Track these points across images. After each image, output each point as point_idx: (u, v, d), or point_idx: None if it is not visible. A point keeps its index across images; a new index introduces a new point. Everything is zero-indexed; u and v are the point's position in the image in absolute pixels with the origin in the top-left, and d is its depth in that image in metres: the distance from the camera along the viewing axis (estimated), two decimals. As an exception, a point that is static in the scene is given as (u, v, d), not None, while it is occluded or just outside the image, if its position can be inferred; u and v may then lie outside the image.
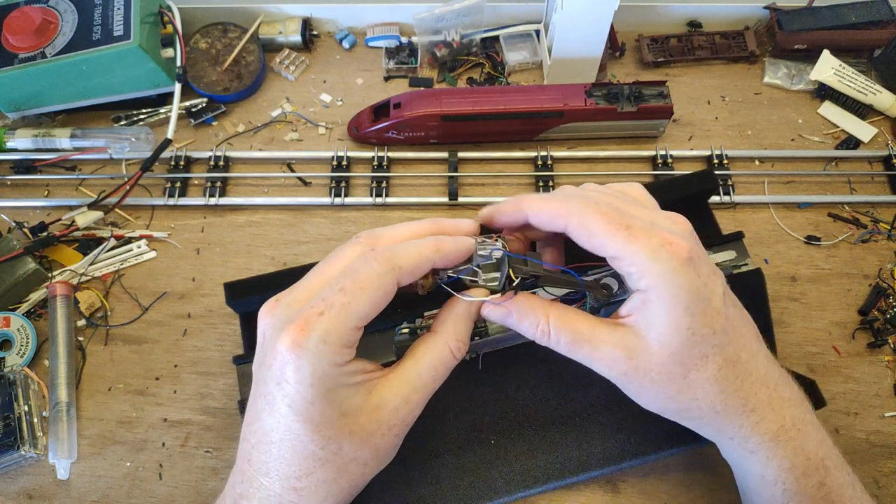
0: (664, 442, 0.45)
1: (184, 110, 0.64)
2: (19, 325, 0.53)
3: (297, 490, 0.33)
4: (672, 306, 0.33)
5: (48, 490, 0.49)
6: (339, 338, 0.32)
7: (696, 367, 0.35)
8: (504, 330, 0.46)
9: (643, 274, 0.33)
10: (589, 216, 0.34)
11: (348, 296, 0.32)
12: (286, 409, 0.32)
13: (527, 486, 0.45)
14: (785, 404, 0.37)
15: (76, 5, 0.60)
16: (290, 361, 0.32)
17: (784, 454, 0.37)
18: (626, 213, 0.34)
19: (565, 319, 0.36)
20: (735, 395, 0.36)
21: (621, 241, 0.33)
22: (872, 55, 0.68)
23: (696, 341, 0.34)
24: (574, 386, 0.47)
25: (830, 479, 0.37)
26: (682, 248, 0.33)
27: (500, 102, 0.60)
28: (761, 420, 0.36)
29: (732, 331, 0.35)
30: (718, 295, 0.34)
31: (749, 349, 0.36)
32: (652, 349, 0.34)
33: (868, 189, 0.62)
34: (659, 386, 0.36)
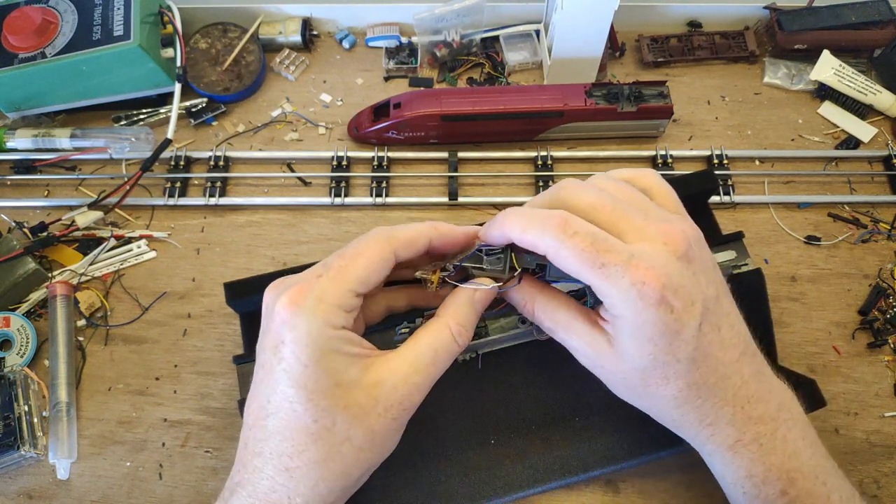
0: (663, 442, 0.45)
1: (184, 110, 0.64)
2: (19, 325, 0.53)
3: (288, 470, 0.33)
4: (637, 335, 0.34)
5: (48, 490, 0.49)
6: (335, 298, 0.33)
7: (656, 384, 0.36)
8: (504, 330, 0.46)
9: (614, 305, 0.34)
10: (564, 251, 0.33)
11: (346, 260, 0.34)
12: (281, 375, 0.32)
13: (527, 486, 0.45)
14: (750, 422, 0.37)
15: (76, 5, 0.60)
16: (287, 321, 0.32)
17: (740, 463, 0.38)
18: (603, 245, 0.33)
19: (548, 306, 0.38)
20: (692, 413, 0.37)
21: (594, 279, 0.33)
22: (872, 55, 0.68)
23: (657, 365, 0.35)
24: (574, 386, 0.47)
25: (795, 490, 0.37)
26: (653, 288, 0.32)
27: (500, 102, 0.60)
28: (716, 433, 0.38)
29: (703, 358, 0.35)
30: (692, 327, 0.34)
31: (720, 373, 0.36)
32: (616, 359, 0.36)
33: (868, 189, 0.62)
34: (621, 386, 0.38)
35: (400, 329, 0.44)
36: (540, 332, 0.45)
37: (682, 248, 0.34)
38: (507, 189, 0.62)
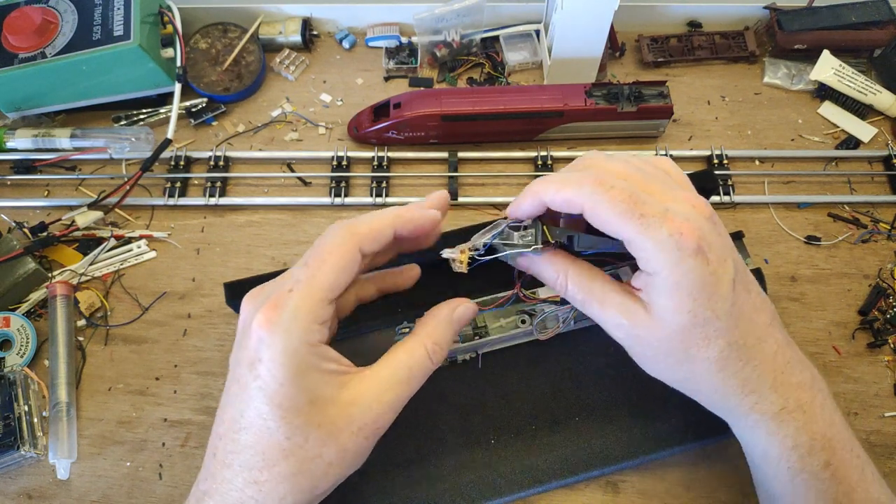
0: (664, 442, 0.45)
1: (184, 110, 0.64)
2: (19, 325, 0.53)
3: (257, 483, 0.32)
4: (675, 291, 0.34)
5: (48, 490, 0.49)
6: (308, 312, 0.33)
7: (698, 347, 0.36)
8: (504, 330, 0.46)
9: (650, 260, 0.34)
10: (601, 205, 0.34)
11: (312, 268, 0.33)
12: (256, 392, 0.32)
13: (527, 486, 0.45)
14: (791, 388, 0.37)
15: (76, 5, 0.60)
16: (263, 339, 0.32)
17: (786, 433, 0.37)
18: (640, 198, 0.34)
19: (582, 277, 0.37)
20: (734, 377, 0.37)
21: (632, 230, 0.33)
22: (872, 55, 0.68)
23: (698, 323, 0.35)
24: (574, 386, 0.47)
25: (837, 460, 0.37)
26: (690, 239, 0.33)
27: (500, 102, 0.60)
28: (760, 401, 0.37)
29: (739, 316, 0.36)
30: (727, 282, 0.35)
31: (757, 334, 0.37)
32: (655, 324, 0.35)
33: (868, 189, 0.62)
34: (660, 356, 0.37)
35: (400, 329, 0.44)
36: (541, 331, 0.45)
37: (708, 211, 0.35)
38: (507, 189, 0.62)
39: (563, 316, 0.44)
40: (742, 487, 0.48)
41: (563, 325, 0.45)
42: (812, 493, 0.37)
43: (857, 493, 0.37)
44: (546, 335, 0.45)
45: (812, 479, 0.37)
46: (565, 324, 0.45)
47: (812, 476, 0.37)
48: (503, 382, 0.48)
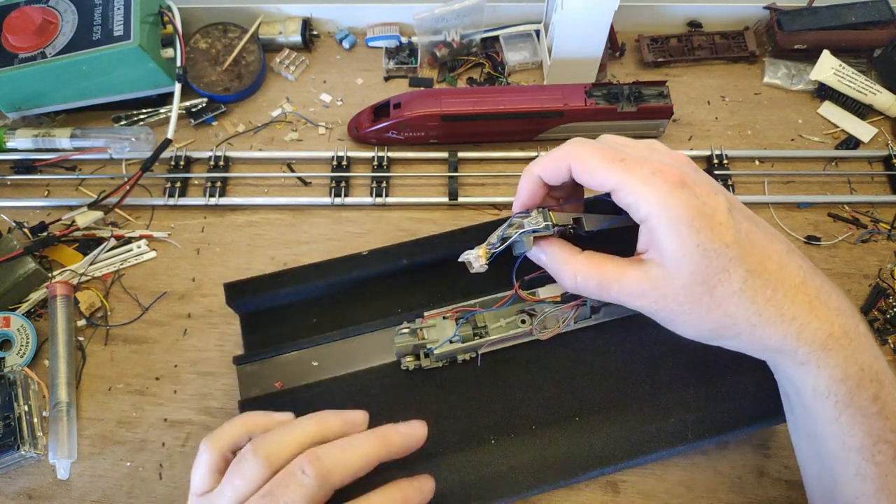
0: (664, 442, 0.45)
1: (184, 110, 0.64)
2: (19, 325, 0.53)
3: None
4: (675, 227, 0.34)
5: (48, 490, 0.49)
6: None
7: (720, 282, 0.35)
8: (504, 329, 0.46)
9: (640, 201, 0.34)
10: (586, 154, 0.36)
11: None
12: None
13: (528, 487, 0.44)
14: (832, 312, 0.36)
15: (76, 5, 0.60)
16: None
17: (836, 363, 0.35)
18: (621, 148, 0.36)
19: (592, 266, 0.37)
20: (768, 306, 0.35)
21: (616, 174, 0.35)
22: (872, 55, 0.68)
23: (710, 256, 0.34)
24: (574, 386, 0.47)
25: (885, 393, 0.35)
26: (673, 174, 0.34)
27: (500, 102, 0.60)
28: (805, 328, 0.35)
29: (750, 243, 0.35)
30: (722, 210, 0.34)
31: (777, 260, 0.36)
32: (672, 274, 0.35)
33: (868, 189, 0.62)
34: (689, 309, 0.36)
35: (400, 329, 0.44)
36: (541, 331, 0.45)
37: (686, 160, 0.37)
38: (507, 189, 0.62)
39: (562, 316, 0.44)
40: (743, 487, 0.48)
41: (563, 325, 0.45)
42: (858, 430, 0.35)
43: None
44: (546, 335, 0.45)
45: (859, 415, 0.35)
46: (565, 324, 0.45)
47: (859, 410, 0.35)
48: (503, 383, 0.48)
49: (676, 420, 0.45)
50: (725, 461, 0.49)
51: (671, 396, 0.46)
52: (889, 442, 0.35)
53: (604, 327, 0.48)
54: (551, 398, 0.47)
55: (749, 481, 0.48)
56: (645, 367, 0.47)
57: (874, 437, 0.35)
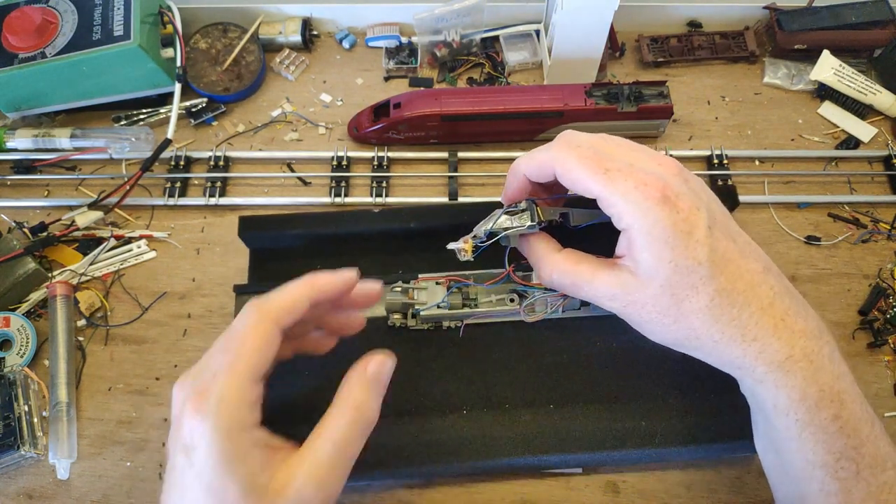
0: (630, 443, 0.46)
1: (184, 110, 0.64)
2: (19, 325, 0.53)
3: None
4: (651, 242, 0.35)
5: (48, 490, 0.49)
6: (236, 395, 0.33)
7: (688, 297, 0.36)
8: (493, 305, 0.46)
9: (621, 214, 0.35)
10: (569, 161, 0.36)
11: (231, 353, 0.34)
12: (192, 480, 0.32)
13: (487, 457, 0.45)
14: (795, 335, 0.36)
15: (76, 5, 0.60)
16: (195, 427, 0.32)
17: (793, 383, 0.36)
18: (606, 155, 0.36)
19: (568, 264, 0.39)
20: (731, 325, 0.36)
21: (598, 185, 0.35)
22: (872, 55, 0.68)
23: (681, 272, 0.35)
24: (554, 375, 0.48)
25: (846, 413, 0.36)
26: (655, 188, 0.34)
27: (500, 102, 0.60)
28: (764, 349, 0.36)
29: (723, 262, 0.36)
30: (701, 227, 0.35)
31: (748, 280, 0.36)
32: (643, 284, 0.36)
33: (868, 189, 0.62)
34: (656, 318, 0.37)
35: (394, 287, 0.46)
36: (529, 314, 0.45)
37: (674, 169, 0.36)
38: (507, 189, 0.62)
39: (552, 302, 0.45)
40: (743, 487, 0.48)
41: (549, 311, 0.46)
42: (820, 447, 0.36)
43: (867, 447, 0.36)
44: (532, 318, 0.46)
45: (820, 433, 0.36)
46: (553, 309, 0.46)
47: (820, 429, 0.36)
48: (484, 358, 0.48)
49: (648, 424, 0.46)
50: (725, 461, 0.49)
51: (649, 400, 0.47)
52: (851, 459, 0.36)
53: (593, 321, 0.48)
54: (529, 382, 0.48)
55: (749, 481, 0.48)
56: (629, 366, 0.48)
57: (836, 454, 0.36)
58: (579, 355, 0.48)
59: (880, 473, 0.36)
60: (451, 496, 0.48)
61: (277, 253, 0.54)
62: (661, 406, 0.47)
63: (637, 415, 0.47)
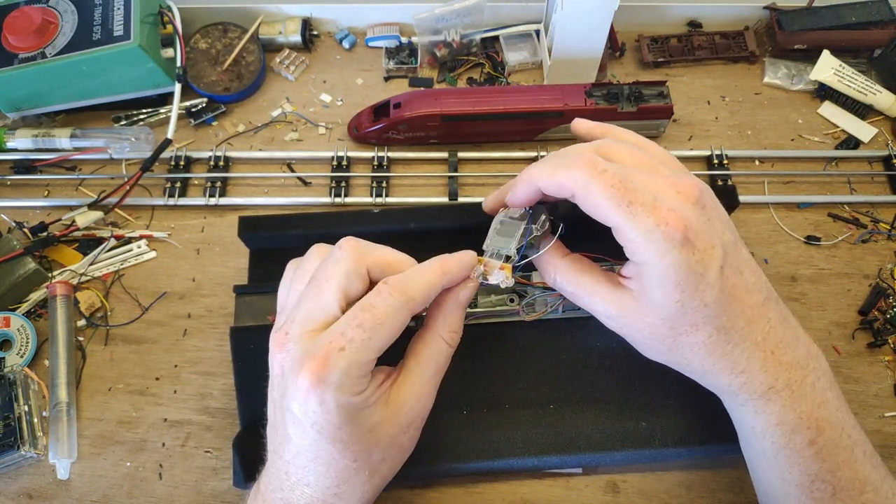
0: (629, 443, 0.46)
1: (184, 110, 0.64)
2: (19, 325, 0.53)
3: (337, 495, 0.36)
4: (662, 282, 0.35)
5: (48, 490, 0.49)
6: (359, 370, 0.34)
7: (686, 332, 0.37)
8: (493, 305, 0.46)
9: (637, 250, 0.35)
10: (592, 188, 0.34)
11: (367, 332, 0.34)
12: (316, 435, 0.34)
13: (487, 457, 0.45)
14: (781, 367, 0.37)
15: (76, 5, 0.60)
16: (314, 396, 0.33)
17: (772, 410, 0.38)
18: (631, 185, 0.34)
19: (570, 271, 0.39)
20: (724, 359, 0.37)
21: (619, 217, 0.34)
22: (872, 55, 0.68)
23: (686, 312, 0.35)
24: (553, 375, 0.48)
25: (823, 439, 0.37)
26: (677, 229, 0.34)
27: (500, 102, 0.60)
28: (750, 381, 0.38)
29: (728, 301, 0.36)
30: (714, 269, 0.35)
31: (747, 316, 0.37)
32: (643, 312, 0.37)
33: (868, 189, 0.62)
34: (650, 343, 0.38)
35: None
36: (528, 313, 0.46)
37: (694, 195, 0.35)
38: (507, 189, 0.62)
39: (551, 302, 0.45)
40: (743, 487, 0.48)
41: (549, 310, 0.46)
42: (795, 468, 0.38)
43: (843, 471, 0.37)
44: (531, 317, 0.46)
45: (794, 456, 0.38)
46: (552, 309, 0.46)
47: (794, 452, 0.38)
48: (485, 358, 0.48)
49: (648, 424, 0.46)
50: (725, 461, 0.48)
51: (649, 401, 0.47)
52: (826, 481, 0.37)
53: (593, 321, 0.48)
54: (529, 382, 0.48)
55: (749, 481, 0.48)
56: (629, 366, 0.48)
57: (811, 475, 0.38)
58: (579, 355, 0.48)
59: (858, 496, 0.37)
60: (451, 496, 0.48)
61: (277, 253, 0.53)
62: (661, 406, 0.47)
63: (637, 415, 0.47)
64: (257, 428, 0.41)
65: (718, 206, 0.38)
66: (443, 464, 0.45)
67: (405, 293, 0.35)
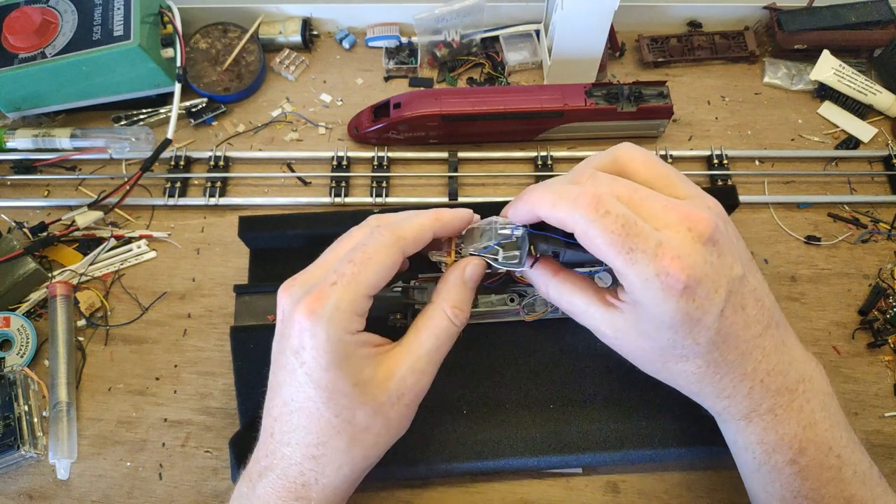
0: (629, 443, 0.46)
1: (184, 110, 0.64)
2: (19, 325, 0.53)
3: (315, 458, 0.36)
4: (657, 322, 0.35)
5: (48, 490, 0.49)
6: (350, 305, 0.35)
7: (676, 362, 0.37)
8: (493, 305, 0.46)
9: (635, 293, 0.34)
10: (593, 231, 0.33)
11: (358, 266, 0.35)
12: (303, 378, 0.35)
13: (487, 457, 0.46)
14: (768, 394, 0.38)
15: (76, 5, 0.60)
16: (307, 328, 0.34)
17: (752, 431, 0.39)
18: (634, 228, 0.33)
19: (563, 291, 0.39)
20: (710, 386, 0.38)
21: (619, 263, 0.33)
22: (872, 55, 0.68)
23: (678, 346, 0.36)
24: (554, 376, 0.48)
25: (806, 459, 0.38)
26: (678, 280, 0.32)
27: (500, 102, 0.60)
28: (733, 405, 0.38)
29: (723, 340, 0.36)
30: (713, 314, 0.34)
31: (741, 350, 0.36)
32: (633, 336, 0.37)
33: (868, 189, 0.62)
34: (640, 361, 0.39)
35: (393, 287, 0.45)
36: (528, 313, 0.46)
37: (707, 232, 0.34)
38: (507, 189, 0.62)
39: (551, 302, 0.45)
40: (742, 488, 0.48)
41: (549, 310, 0.46)
42: (776, 484, 0.39)
43: (828, 489, 0.38)
44: (531, 317, 0.46)
45: (775, 473, 0.38)
46: (552, 309, 0.46)
47: (775, 469, 0.38)
48: (485, 359, 0.49)
49: (648, 424, 0.46)
50: (725, 461, 0.48)
51: (649, 401, 0.47)
52: (809, 498, 0.38)
53: None
54: (529, 382, 0.48)
55: (749, 481, 0.48)
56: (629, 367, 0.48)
57: (793, 492, 0.38)
58: (579, 355, 0.48)
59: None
60: (451, 496, 0.48)
61: (277, 253, 0.54)
62: (661, 407, 0.47)
63: (637, 415, 0.47)
64: (256, 427, 0.41)
65: (732, 235, 0.36)
66: (443, 464, 0.45)
67: (395, 232, 0.37)
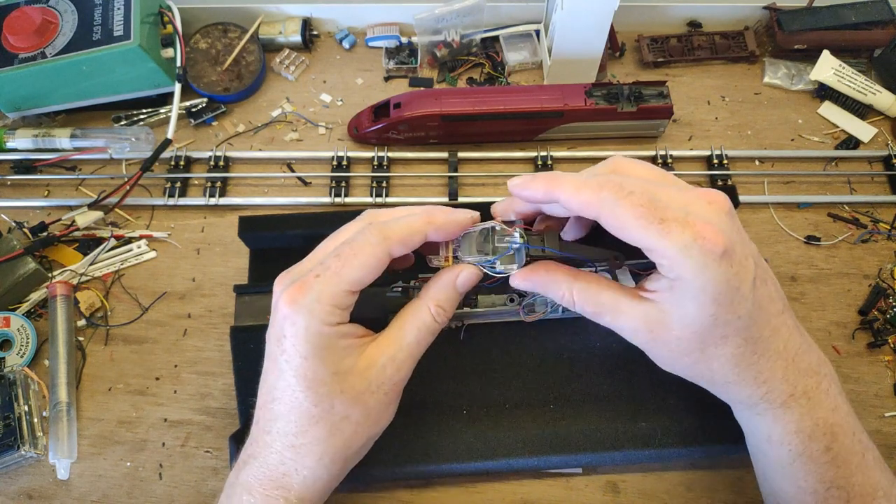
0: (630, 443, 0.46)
1: (184, 110, 0.64)
2: (19, 325, 0.53)
3: (294, 447, 0.36)
4: (699, 296, 0.34)
5: (48, 490, 0.49)
6: (330, 297, 0.35)
7: (715, 344, 0.36)
8: (493, 305, 0.46)
9: (674, 266, 0.33)
10: (621, 209, 0.33)
11: (342, 261, 0.36)
12: (284, 365, 0.35)
13: (487, 457, 0.46)
14: (800, 375, 0.38)
15: (76, 5, 0.60)
16: (288, 317, 0.35)
17: (790, 418, 0.38)
18: (660, 202, 0.33)
19: (588, 291, 0.37)
20: (749, 370, 0.37)
21: (654, 236, 0.33)
22: (872, 55, 0.68)
23: (718, 325, 0.35)
24: (553, 376, 0.48)
25: (837, 445, 0.37)
26: (715, 243, 0.32)
27: (500, 102, 0.60)
28: (771, 391, 0.38)
29: (758, 312, 0.36)
30: (748, 281, 0.34)
31: (772, 325, 0.37)
32: (673, 326, 0.36)
33: (868, 189, 0.62)
34: (676, 356, 0.37)
35: (393, 287, 0.45)
36: (528, 314, 0.46)
37: (726, 206, 0.35)
38: (507, 189, 0.62)
39: (551, 302, 0.45)
40: (743, 487, 0.48)
41: (549, 311, 0.46)
42: (811, 476, 0.38)
43: (856, 476, 0.37)
44: (531, 318, 0.46)
45: (811, 463, 0.38)
46: (552, 309, 0.46)
47: (811, 460, 0.38)
48: (485, 359, 0.49)
49: (647, 424, 0.46)
50: (725, 461, 0.49)
51: (649, 401, 0.47)
52: (841, 487, 0.37)
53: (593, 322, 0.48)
54: (529, 382, 0.48)
55: (749, 481, 0.48)
56: (629, 366, 0.48)
57: (826, 482, 0.38)
58: (579, 355, 0.49)
59: (871, 502, 0.38)
60: (451, 496, 0.48)
61: (277, 253, 0.54)
62: (661, 407, 0.47)
63: (637, 415, 0.47)
64: None
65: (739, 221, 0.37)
66: (443, 464, 0.45)
67: (383, 232, 0.36)
